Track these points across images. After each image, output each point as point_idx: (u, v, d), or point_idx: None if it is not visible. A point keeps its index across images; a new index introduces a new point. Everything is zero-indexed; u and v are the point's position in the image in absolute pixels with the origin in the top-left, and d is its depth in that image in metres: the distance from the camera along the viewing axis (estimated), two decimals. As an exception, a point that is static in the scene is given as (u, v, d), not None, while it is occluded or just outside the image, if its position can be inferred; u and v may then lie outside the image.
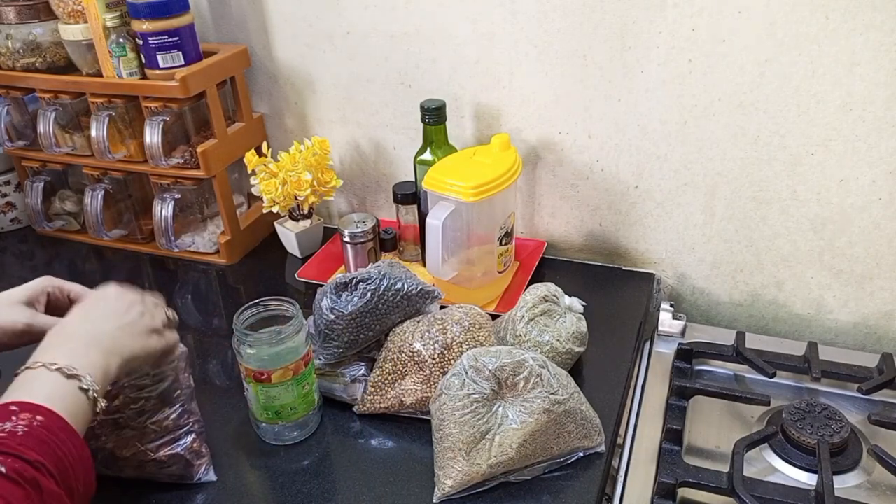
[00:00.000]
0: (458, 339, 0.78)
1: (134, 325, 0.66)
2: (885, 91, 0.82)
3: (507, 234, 0.95)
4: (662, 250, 1.04)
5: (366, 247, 1.01)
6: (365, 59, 1.06)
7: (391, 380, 0.79)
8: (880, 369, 0.87)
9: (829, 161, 0.89)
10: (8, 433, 0.50)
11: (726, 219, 0.97)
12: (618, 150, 0.98)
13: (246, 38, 1.12)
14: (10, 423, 0.51)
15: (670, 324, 0.97)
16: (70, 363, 0.57)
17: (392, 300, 0.80)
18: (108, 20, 0.98)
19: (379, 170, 1.16)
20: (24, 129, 1.17)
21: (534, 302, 0.84)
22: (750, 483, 0.72)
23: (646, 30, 0.89)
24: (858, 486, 0.75)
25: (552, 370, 0.72)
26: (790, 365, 0.88)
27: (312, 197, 1.06)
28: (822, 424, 0.78)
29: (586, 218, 1.06)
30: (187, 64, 1.01)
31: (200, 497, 0.72)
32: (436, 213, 0.87)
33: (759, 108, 0.88)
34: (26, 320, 0.66)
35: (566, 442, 0.72)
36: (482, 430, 0.69)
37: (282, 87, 1.15)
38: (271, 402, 0.74)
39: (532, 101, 1.00)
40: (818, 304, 0.99)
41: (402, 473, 0.74)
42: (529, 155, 1.04)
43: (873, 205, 0.89)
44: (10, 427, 0.51)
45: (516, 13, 0.94)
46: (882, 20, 0.79)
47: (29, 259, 1.20)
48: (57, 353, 0.58)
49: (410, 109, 1.07)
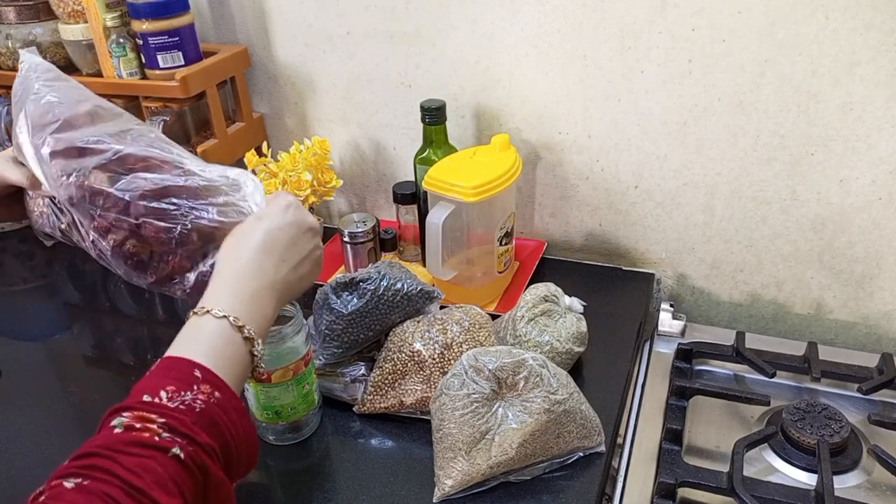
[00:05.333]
0: (458, 339, 0.78)
1: (310, 262, 0.63)
2: (885, 91, 0.82)
3: (506, 234, 0.95)
4: (662, 250, 1.04)
5: (366, 247, 1.01)
6: (365, 59, 1.06)
7: (391, 380, 0.79)
8: (880, 369, 0.87)
9: (829, 161, 0.89)
10: (187, 407, 0.49)
11: (726, 219, 0.98)
12: (618, 150, 0.99)
13: (246, 38, 1.12)
14: (190, 393, 0.50)
15: (670, 324, 0.97)
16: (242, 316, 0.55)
17: (392, 300, 0.80)
18: (108, 20, 0.98)
19: (379, 170, 1.16)
20: (24, 129, 1.16)
21: (534, 302, 0.84)
22: (750, 483, 0.72)
23: (646, 30, 0.89)
24: (858, 486, 0.75)
25: (552, 370, 0.72)
26: (790, 365, 0.88)
27: (312, 197, 1.06)
28: (822, 424, 0.78)
29: (586, 218, 1.06)
30: (187, 64, 1.01)
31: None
32: (436, 213, 0.87)
33: (759, 108, 0.88)
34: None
35: (566, 442, 0.72)
36: (482, 429, 0.69)
37: (282, 87, 1.15)
38: (271, 402, 0.74)
39: (532, 102, 1.00)
40: (818, 304, 0.99)
41: (402, 473, 0.74)
42: (529, 155, 1.04)
43: (873, 205, 0.89)
44: (189, 399, 0.49)
45: (516, 13, 0.94)
46: (882, 20, 0.79)
47: (29, 259, 1.20)
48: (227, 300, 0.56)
49: (410, 109, 1.07)
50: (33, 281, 1.16)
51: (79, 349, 0.99)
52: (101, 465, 0.44)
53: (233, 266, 0.59)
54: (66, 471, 0.45)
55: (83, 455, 0.46)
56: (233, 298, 0.57)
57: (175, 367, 0.52)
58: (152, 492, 0.44)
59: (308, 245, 0.64)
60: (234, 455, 0.52)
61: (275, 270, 0.60)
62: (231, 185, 0.66)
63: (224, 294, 0.57)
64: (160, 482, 0.45)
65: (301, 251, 0.63)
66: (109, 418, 0.48)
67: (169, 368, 0.52)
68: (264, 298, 0.59)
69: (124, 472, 0.44)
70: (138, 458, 0.45)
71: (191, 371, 0.51)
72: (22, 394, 0.87)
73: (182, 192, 0.63)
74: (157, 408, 0.48)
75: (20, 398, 0.87)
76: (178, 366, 0.52)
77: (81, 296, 1.10)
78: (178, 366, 0.52)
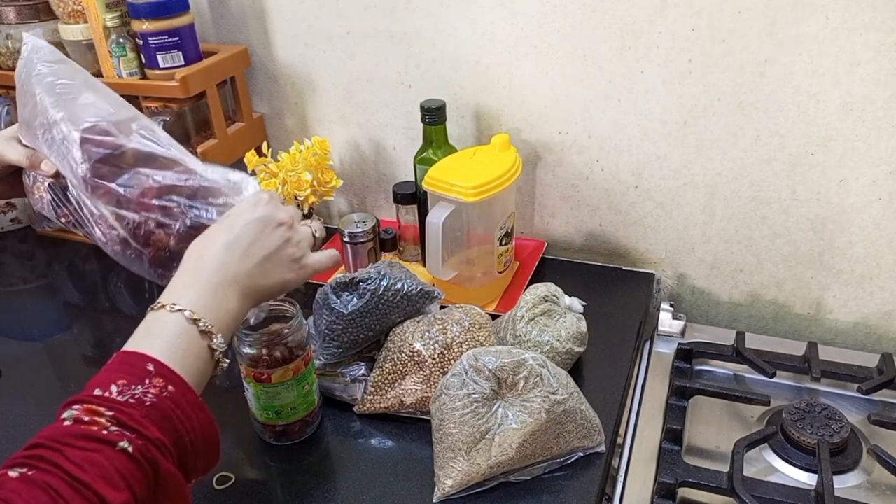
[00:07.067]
0: (458, 339, 0.78)
1: (277, 258, 0.61)
2: (885, 91, 0.82)
3: (506, 234, 0.95)
4: (662, 250, 1.04)
5: (366, 247, 1.01)
6: (365, 59, 1.06)
7: (391, 380, 0.79)
8: (880, 369, 0.87)
9: (828, 161, 0.89)
10: (137, 401, 0.48)
11: (726, 219, 0.98)
12: (618, 150, 0.99)
13: (246, 38, 1.12)
14: (141, 387, 0.49)
15: (670, 324, 0.97)
16: (207, 318, 0.54)
17: (392, 300, 0.80)
18: (108, 20, 0.98)
19: (379, 170, 1.16)
20: (24, 129, 1.16)
21: (534, 302, 0.84)
22: (750, 483, 0.72)
23: (646, 30, 0.89)
24: (858, 486, 0.75)
25: (552, 370, 0.72)
26: (790, 365, 0.88)
27: (312, 197, 1.06)
28: (822, 424, 0.78)
29: (586, 218, 1.06)
30: (187, 64, 1.01)
31: (200, 497, 0.72)
32: (436, 213, 0.87)
33: (759, 108, 0.88)
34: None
35: (566, 442, 0.72)
36: (482, 429, 0.69)
37: (282, 87, 1.15)
38: (271, 401, 0.74)
39: (532, 101, 1.00)
40: (818, 304, 0.99)
41: (402, 473, 0.74)
42: (529, 155, 1.04)
43: (873, 205, 0.89)
44: (140, 393, 0.49)
45: (516, 13, 0.94)
46: (882, 20, 0.79)
47: (29, 259, 1.20)
48: (185, 295, 0.55)
49: (410, 109, 1.07)
50: (33, 281, 1.16)
51: (79, 349, 0.99)
52: (46, 456, 0.44)
53: (195, 263, 0.59)
54: (13, 461, 0.45)
55: (32, 446, 0.46)
56: (191, 293, 0.56)
57: (128, 361, 0.51)
58: (95, 485, 0.44)
59: (275, 240, 0.62)
60: (189, 450, 0.51)
61: (238, 265, 0.59)
62: (232, 188, 0.66)
63: (182, 289, 0.57)
64: (105, 476, 0.44)
65: (266, 246, 0.61)
66: (62, 410, 0.48)
67: (122, 363, 0.51)
68: (226, 293, 0.58)
69: (69, 464, 0.44)
70: (84, 451, 0.45)
71: (143, 365, 0.51)
72: (22, 394, 0.87)
73: (184, 191, 0.63)
74: (107, 401, 0.48)
75: (20, 398, 0.87)
76: (131, 360, 0.51)
77: (81, 296, 1.10)
78: (130, 360, 0.51)
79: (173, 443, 0.50)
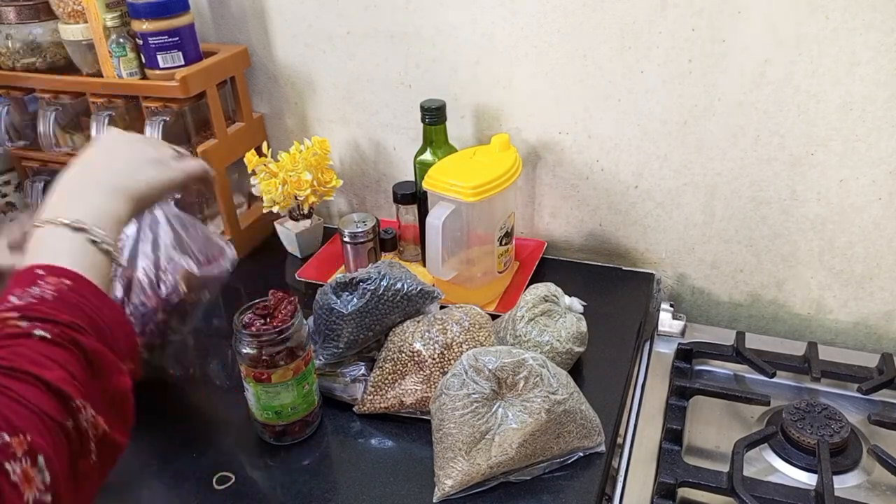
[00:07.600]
0: (458, 339, 0.78)
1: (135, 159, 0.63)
2: (885, 91, 0.82)
3: (506, 235, 0.95)
4: (662, 250, 1.04)
5: (366, 247, 1.01)
6: (365, 59, 1.06)
7: (391, 380, 0.79)
8: (880, 369, 0.87)
9: (828, 161, 0.89)
10: (38, 299, 0.48)
11: (726, 219, 0.98)
12: (618, 150, 0.99)
13: (246, 38, 1.12)
14: (38, 287, 0.49)
15: (670, 324, 0.97)
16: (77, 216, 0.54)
17: (392, 300, 0.80)
18: (108, 20, 0.98)
19: (379, 170, 1.16)
20: (24, 129, 1.16)
21: (534, 302, 0.84)
22: (750, 483, 0.72)
23: (646, 30, 0.89)
24: (858, 486, 0.75)
25: (552, 370, 0.72)
26: (790, 365, 0.88)
27: (312, 197, 1.06)
28: (822, 424, 0.78)
29: (586, 218, 1.06)
30: (187, 64, 1.01)
31: (200, 497, 0.72)
32: (436, 213, 0.87)
33: (759, 108, 0.88)
34: None
35: (566, 442, 0.72)
36: (482, 430, 0.69)
37: (282, 87, 1.15)
38: (271, 401, 0.74)
39: (532, 101, 1.00)
40: (818, 304, 0.99)
41: (402, 473, 0.74)
42: (529, 155, 1.04)
43: (873, 205, 0.89)
44: (38, 292, 0.48)
45: (516, 13, 0.94)
46: (882, 20, 0.79)
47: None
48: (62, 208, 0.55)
49: (410, 109, 1.07)
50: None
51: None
52: None
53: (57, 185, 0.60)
54: None
55: None
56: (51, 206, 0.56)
57: (16, 276, 0.51)
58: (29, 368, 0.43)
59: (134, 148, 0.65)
60: (106, 332, 0.51)
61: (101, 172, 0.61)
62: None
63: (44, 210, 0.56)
64: (35, 361, 0.44)
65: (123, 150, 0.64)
66: None
67: (13, 281, 0.51)
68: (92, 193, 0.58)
69: None
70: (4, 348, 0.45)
71: (31, 273, 0.50)
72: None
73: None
74: (10, 308, 0.47)
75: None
76: (19, 275, 0.51)
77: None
78: (18, 275, 0.51)
79: (88, 324, 0.49)
